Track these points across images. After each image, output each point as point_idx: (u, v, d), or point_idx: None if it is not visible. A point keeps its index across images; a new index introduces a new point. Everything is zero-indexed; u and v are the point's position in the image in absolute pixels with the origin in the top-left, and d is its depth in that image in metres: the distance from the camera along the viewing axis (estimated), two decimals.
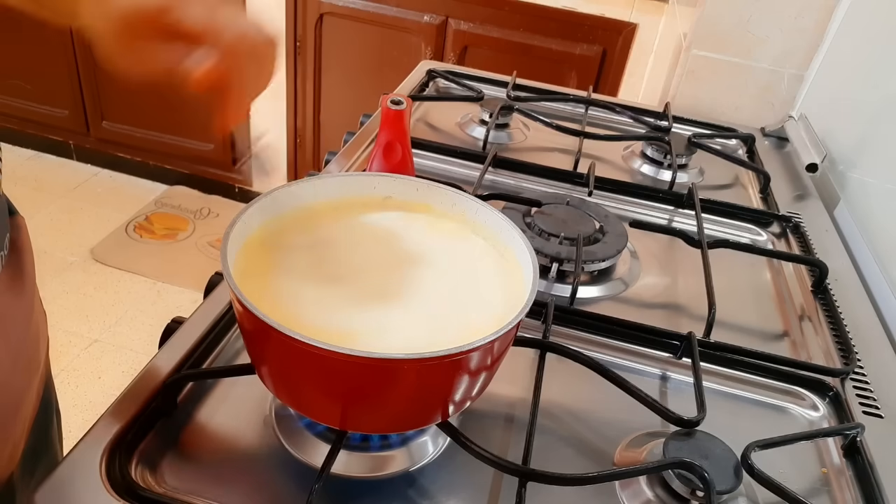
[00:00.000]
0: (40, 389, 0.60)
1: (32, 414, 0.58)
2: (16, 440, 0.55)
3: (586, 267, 0.71)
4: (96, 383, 1.76)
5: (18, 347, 0.54)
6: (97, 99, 2.34)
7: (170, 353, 0.54)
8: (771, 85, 1.21)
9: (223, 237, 0.45)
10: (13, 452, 0.55)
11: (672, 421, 0.53)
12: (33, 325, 0.57)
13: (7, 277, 0.52)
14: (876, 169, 0.91)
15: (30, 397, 0.57)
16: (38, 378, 0.59)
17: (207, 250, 2.26)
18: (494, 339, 0.41)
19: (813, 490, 0.54)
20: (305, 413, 0.48)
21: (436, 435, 0.52)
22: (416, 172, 0.69)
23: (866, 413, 0.60)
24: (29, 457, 0.58)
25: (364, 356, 0.39)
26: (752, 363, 0.64)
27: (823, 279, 0.76)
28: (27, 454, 0.57)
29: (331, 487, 0.47)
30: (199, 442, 0.50)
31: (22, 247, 0.56)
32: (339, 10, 1.96)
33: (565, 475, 0.47)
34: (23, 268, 0.55)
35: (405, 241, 0.53)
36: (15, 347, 0.53)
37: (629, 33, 1.80)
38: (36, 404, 0.59)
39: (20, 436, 0.56)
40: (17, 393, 0.54)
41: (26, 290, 0.56)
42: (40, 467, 0.61)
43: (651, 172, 0.99)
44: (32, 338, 0.57)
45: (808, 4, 1.13)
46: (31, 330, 0.57)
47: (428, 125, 1.03)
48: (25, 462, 0.57)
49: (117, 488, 0.44)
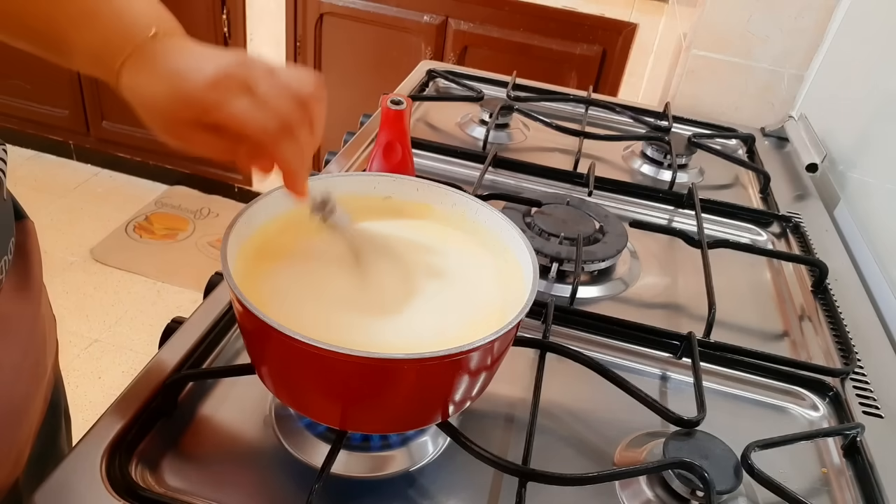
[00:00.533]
0: (48, 394, 0.60)
1: (39, 419, 0.58)
2: (21, 446, 0.55)
3: (586, 267, 0.71)
4: (96, 383, 1.75)
5: (23, 352, 0.53)
6: (97, 99, 2.34)
7: (170, 353, 0.54)
8: (771, 85, 1.21)
9: (223, 237, 0.45)
10: (18, 458, 0.55)
11: (672, 421, 0.53)
12: (39, 329, 0.57)
13: (12, 282, 0.52)
14: (876, 169, 0.91)
15: (36, 402, 0.56)
16: (45, 383, 0.59)
17: (207, 250, 2.26)
18: (494, 339, 0.41)
19: (813, 490, 0.54)
20: (305, 413, 0.48)
21: (436, 435, 0.52)
22: (416, 172, 0.69)
23: (866, 413, 0.60)
24: (35, 462, 0.57)
25: (364, 356, 0.39)
26: (752, 363, 0.64)
27: (823, 279, 0.76)
28: (33, 459, 0.57)
29: (331, 487, 0.47)
30: (199, 442, 0.50)
31: (29, 251, 0.56)
32: (339, 10, 1.96)
33: (565, 475, 0.47)
34: (29, 272, 0.55)
35: (405, 241, 0.53)
36: (19, 352, 0.53)
37: (629, 33, 1.79)
38: (43, 409, 0.58)
39: (25, 441, 0.56)
40: (22, 398, 0.54)
41: (32, 295, 0.55)
42: (47, 473, 0.60)
43: (651, 172, 0.99)
44: (38, 343, 0.57)
45: (808, 4, 1.13)
46: (37, 335, 0.56)
47: (428, 125, 1.03)
48: (31, 467, 0.56)
49: (117, 488, 0.44)
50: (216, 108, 0.41)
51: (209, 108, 0.41)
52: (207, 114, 0.41)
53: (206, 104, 0.41)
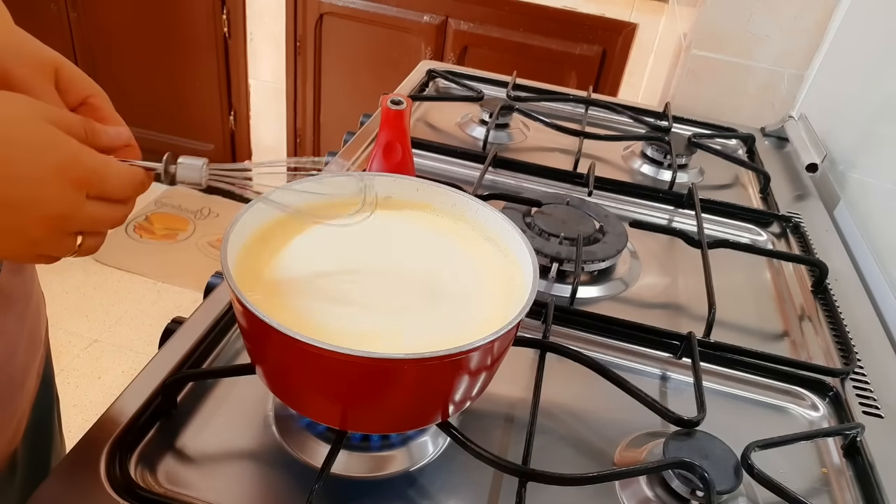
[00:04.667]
0: (41, 367, 0.61)
1: (34, 390, 0.60)
2: (20, 416, 0.57)
3: (586, 267, 0.71)
4: (96, 383, 1.75)
5: (21, 324, 0.55)
6: None
7: (170, 353, 0.54)
8: (771, 85, 1.21)
9: (223, 237, 0.45)
10: (17, 428, 0.56)
11: (672, 421, 0.53)
12: (35, 303, 0.59)
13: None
14: (876, 169, 0.91)
15: (32, 373, 0.58)
16: (40, 356, 0.61)
17: (207, 250, 2.26)
18: (494, 339, 0.41)
19: (813, 490, 0.54)
20: (305, 413, 0.48)
21: (436, 435, 0.52)
22: (416, 172, 0.69)
23: (866, 413, 0.60)
24: (31, 433, 0.59)
25: (364, 356, 0.39)
26: (752, 363, 0.64)
27: (823, 279, 0.76)
28: (29, 430, 0.58)
29: (331, 487, 0.47)
30: (199, 442, 0.50)
31: None
32: (339, 10, 1.96)
33: (565, 475, 0.47)
34: None
35: (405, 241, 0.53)
36: (18, 324, 0.55)
37: (629, 33, 1.79)
38: (37, 381, 0.60)
39: (25, 410, 0.57)
40: (21, 369, 0.56)
41: (28, 269, 0.57)
42: (42, 444, 0.62)
43: (651, 172, 0.99)
44: (34, 313, 0.58)
45: (808, 4, 1.13)
46: (33, 308, 0.58)
47: (428, 125, 1.03)
48: (27, 440, 0.58)
49: (117, 488, 0.44)
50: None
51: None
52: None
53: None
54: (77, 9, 2.16)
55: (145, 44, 2.20)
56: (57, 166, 0.37)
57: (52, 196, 0.37)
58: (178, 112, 2.30)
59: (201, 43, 2.14)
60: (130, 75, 2.27)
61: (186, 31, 2.13)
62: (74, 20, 2.19)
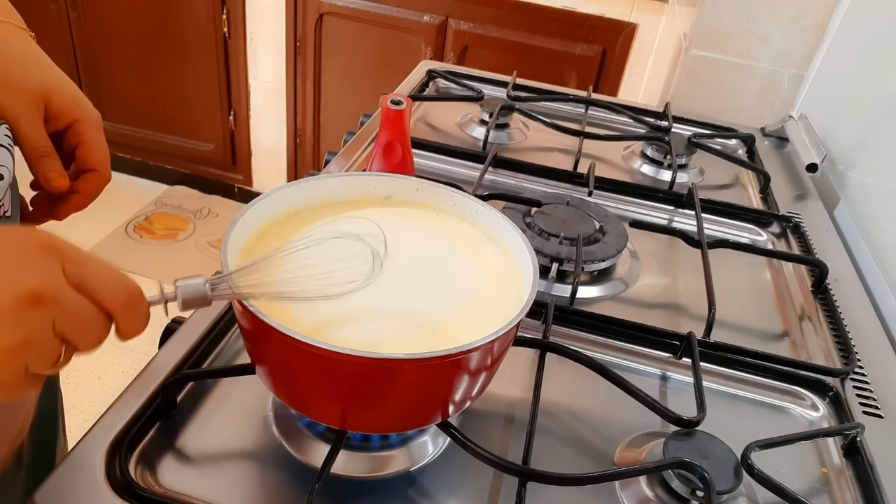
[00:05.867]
0: None
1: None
2: (27, 410, 0.57)
3: (586, 267, 0.71)
4: (96, 383, 1.75)
5: None
6: (97, 99, 2.34)
7: (170, 353, 0.54)
8: (771, 85, 1.21)
9: (223, 237, 0.45)
10: (24, 423, 0.57)
11: (672, 421, 0.53)
12: None
13: None
14: (876, 169, 0.91)
15: None
16: None
17: (207, 250, 2.26)
18: (494, 339, 0.41)
19: (813, 490, 0.54)
20: (305, 413, 0.48)
21: (436, 435, 0.52)
22: (416, 172, 0.69)
23: (866, 413, 0.60)
24: (36, 429, 0.59)
25: (364, 356, 0.39)
26: (752, 363, 0.64)
27: (823, 279, 0.76)
28: (34, 425, 0.59)
29: (331, 487, 0.47)
30: (199, 442, 0.50)
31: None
32: (339, 10, 1.96)
33: (565, 475, 0.47)
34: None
35: (405, 241, 0.53)
36: None
37: (629, 33, 1.79)
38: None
39: (31, 406, 0.58)
40: None
41: None
42: (47, 440, 0.63)
43: (651, 172, 0.99)
44: None
45: (808, 4, 1.13)
46: None
47: (428, 125, 1.03)
48: (32, 434, 0.59)
49: (117, 488, 0.44)
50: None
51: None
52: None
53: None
54: (77, 9, 2.16)
55: (145, 44, 2.20)
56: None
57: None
58: (178, 112, 2.30)
59: (201, 43, 2.14)
60: (130, 75, 2.27)
61: (186, 31, 2.13)
62: (74, 20, 2.19)
